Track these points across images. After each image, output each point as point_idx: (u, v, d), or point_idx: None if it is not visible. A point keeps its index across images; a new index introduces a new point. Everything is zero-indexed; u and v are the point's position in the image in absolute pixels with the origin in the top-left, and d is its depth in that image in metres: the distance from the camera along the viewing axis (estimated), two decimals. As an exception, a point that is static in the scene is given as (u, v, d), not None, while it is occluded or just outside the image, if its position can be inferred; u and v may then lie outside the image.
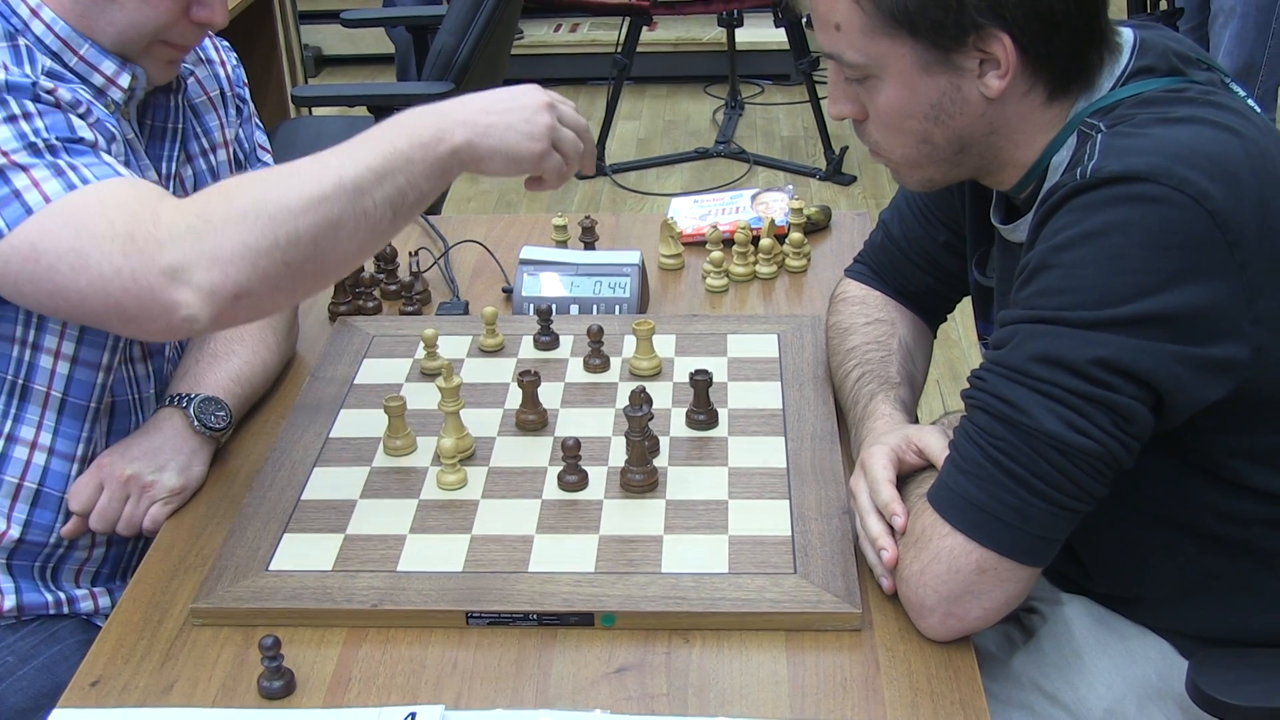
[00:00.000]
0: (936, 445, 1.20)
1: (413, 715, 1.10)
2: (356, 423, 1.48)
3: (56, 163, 1.20)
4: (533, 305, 1.71)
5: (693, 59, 5.53)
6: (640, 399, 1.37)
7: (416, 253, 1.81)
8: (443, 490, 1.36)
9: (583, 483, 1.36)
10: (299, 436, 1.46)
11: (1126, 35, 1.22)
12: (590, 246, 1.89)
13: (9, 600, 1.41)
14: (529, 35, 5.54)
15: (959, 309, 1.59)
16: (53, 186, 1.18)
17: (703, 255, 1.87)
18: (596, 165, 4.59)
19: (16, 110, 1.23)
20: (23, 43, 1.31)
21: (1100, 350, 1.07)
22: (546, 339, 1.62)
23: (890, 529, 1.19)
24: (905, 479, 1.23)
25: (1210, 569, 1.25)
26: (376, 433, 1.45)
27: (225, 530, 1.33)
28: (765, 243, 1.83)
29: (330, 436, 1.46)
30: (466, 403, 1.43)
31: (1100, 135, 1.14)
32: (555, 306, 1.67)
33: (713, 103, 5.34)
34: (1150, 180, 1.07)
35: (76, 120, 1.27)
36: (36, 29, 1.33)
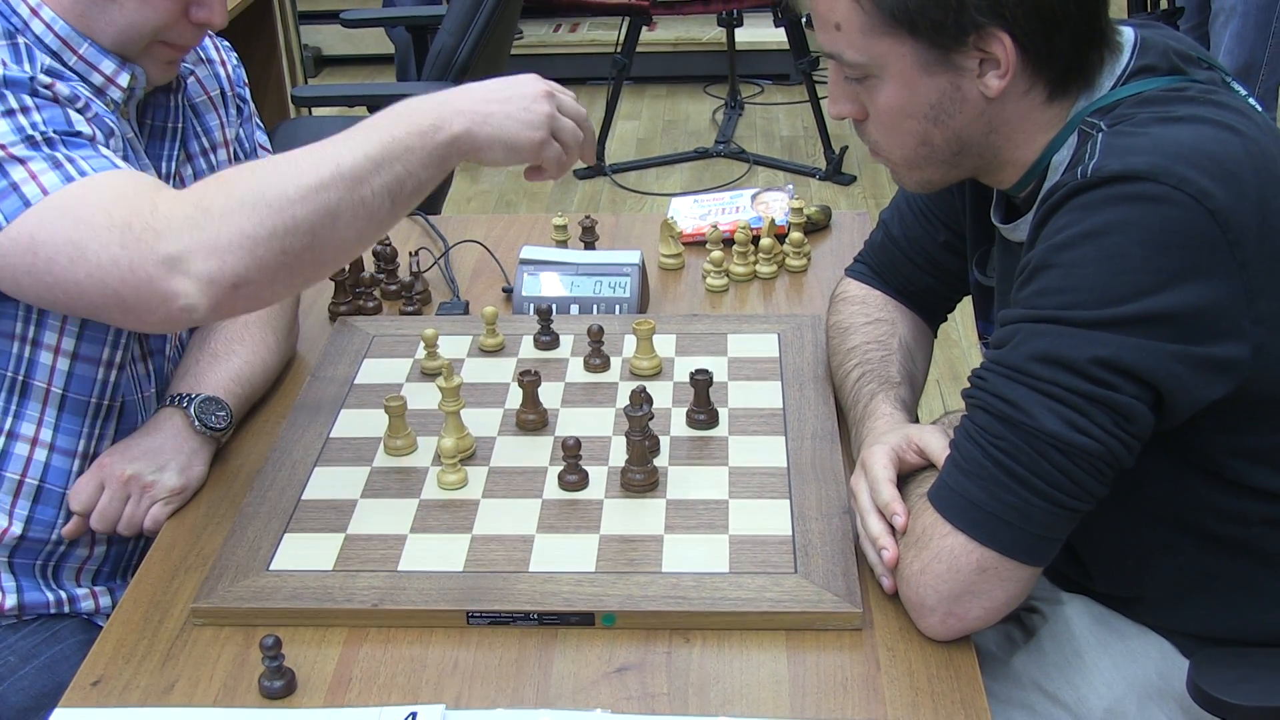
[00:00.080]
0: (937, 445, 1.20)
1: (413, 715, 1.10)
2: (357, 423, 1.48)
3: (54, 155, 1.20)
4: (533, 305, 1.71)
5: (692, 59, 5.53)
6: (640, 399, 1.37)
7: (416, 253, 1.81)
8: (443, 490, 1.36)
9: (583, 482, 1.36)
10: (299, 436, 1.46)
11: (1127, 34, 1.22)
12: (590, 246, 1.89)
13: (10, 599, 1.41)
14: (529, 35, 5.54)
15: (959, 309, 1.59)
16: (50, 179, 1.18)
17: (703, 255, 1.87)
18: (597, 165, 4.60)
19: (14, 104, 1.23)
20: (22, 41, 1.31)
21: (1101, 349, 1.07)
22: (546, 339, 1.62)
23: (891, 528, 1.19)
24: (906, 478, 1.23)
25: (1211, 568, 1.25)
26: (377, 433, 1.45)
27: (226, 530, 1.33)
28: (765, 242, 1.84)
29: (331, 436, 1.46)
30: (467, 403, 1.43)
31: (1101, 134, 1.14)
32: (555, 306, 1.67)
33: (712, 102, 5.34)
34: (1151, 179, 1.07)
35: (74, 114, 1.27)
36: (36, 28, 1.33)
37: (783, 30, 4.62)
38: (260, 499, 1.35)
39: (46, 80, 1.27)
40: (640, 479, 1.34)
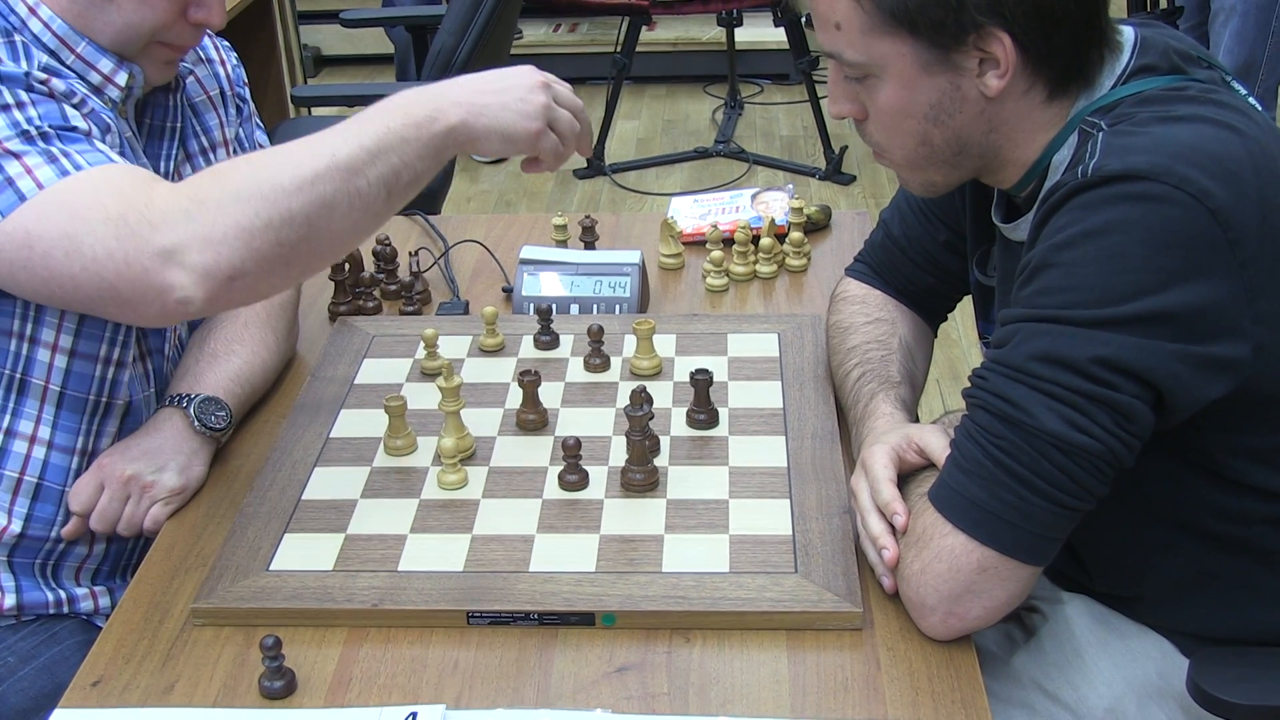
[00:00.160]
0: (937, 444, 1.20)
1: (414, 715, 1.10)
2: (357, 423, 1.48)
3: (49, 150, 1.20)
4: (533, 305, 1.71)
5: (692, 59, 5.53)
6: (640, 398, 1.37)
7: (416, 253, 1.81)
8: (443, 490, 1.36)
9: (583, 482, 1.35)
10: (299, 436, 1.46)
11: (1127, 34, 1.22)
12: (590, 246, 1.89)
13: (9, 599, 1.41)
14: (529, 35, 5.54)
15: (959, 308, 1.59)
16: (46, 173, 1.18)
17: (703, 255, 1.87)
18: (597, 165, 4.60)
19: (10, 100, 1.23)
20: (19, 39, 1.31)
21: (1101, 349, 1.07)
22: (546, 339, 1.62)
23: (891, 528, 1.19)
24: (906, 478, 1.23)
25: (1211, 568, 1.25)
26: (377, 433, 1.45)
27: (226, 530, 1.33)
28: (765, 242, 1.83)
29: (331, 436, 1.46)
30: (467, 402, 1.43)
31: (1101, 134, 1.14)
32: (555, 306, 1.67)
33: (712, 102, 5.34)
34: (1151, 179, 1.07)
35: (70, 110, 1.27)
36: (34, 27, 1.33)
37: (782, 30, 4.62)
38: (260, 499, 1.35)
39: (42, 76, 1.27)
40: (640, 479, 1.34)
